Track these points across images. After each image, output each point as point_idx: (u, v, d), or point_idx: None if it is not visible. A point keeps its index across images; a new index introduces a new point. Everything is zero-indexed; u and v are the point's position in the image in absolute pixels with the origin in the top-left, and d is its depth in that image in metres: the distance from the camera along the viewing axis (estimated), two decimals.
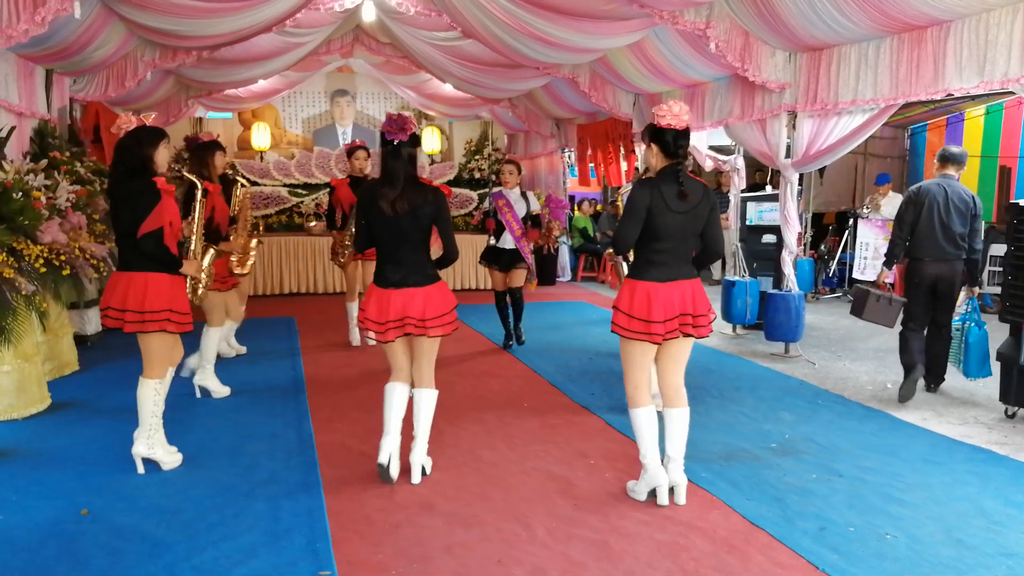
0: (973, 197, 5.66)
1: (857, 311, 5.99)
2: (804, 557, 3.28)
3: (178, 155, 11.89)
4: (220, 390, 5.66)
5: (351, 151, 7.12)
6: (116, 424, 4.87)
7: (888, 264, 5.88)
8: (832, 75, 6.14)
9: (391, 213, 3.85)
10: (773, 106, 6.76)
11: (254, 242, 6.11)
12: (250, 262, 5.98)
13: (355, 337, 7.28)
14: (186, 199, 4.84)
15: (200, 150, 5.75)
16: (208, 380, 5.64)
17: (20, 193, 4.87)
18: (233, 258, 5.80)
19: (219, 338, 5.76)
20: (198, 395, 5.62)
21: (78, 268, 5.13)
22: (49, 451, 4.54)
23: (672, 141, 3.56)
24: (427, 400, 4.07)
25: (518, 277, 7.10)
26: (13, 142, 5.98)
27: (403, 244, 3.91)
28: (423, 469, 4.12)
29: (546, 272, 11.18)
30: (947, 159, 5.73)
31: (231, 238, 5.83)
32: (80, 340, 6.83)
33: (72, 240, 5.25)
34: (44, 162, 5.78)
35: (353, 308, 7.12)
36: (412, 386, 4.13)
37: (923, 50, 5.29)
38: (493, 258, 7.11)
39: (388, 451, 4.00)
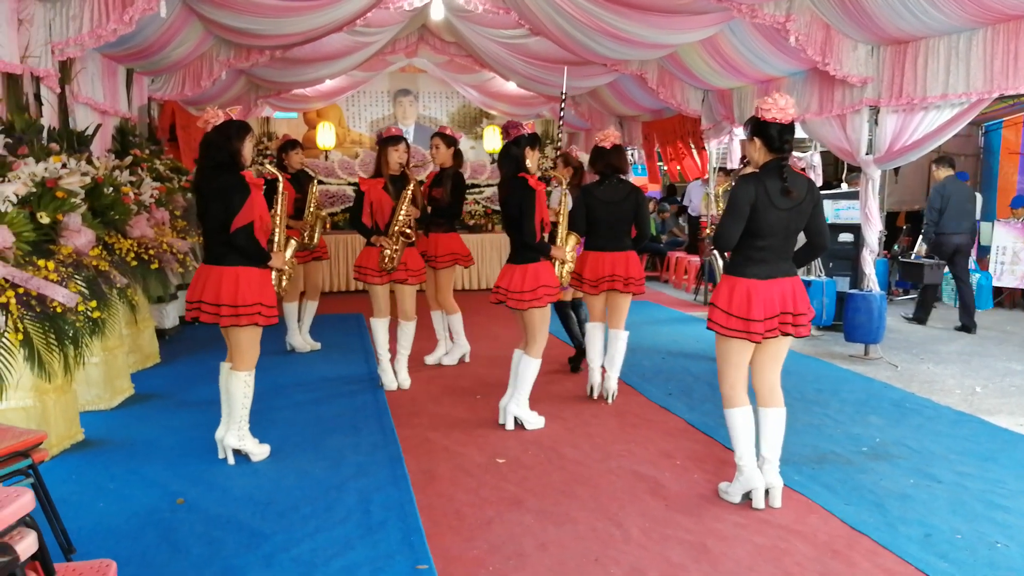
0: (972, 188, 8.87)
1: (918, 278, 8.38)
2: (913, 564, 3.17)
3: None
4: (390, 384, 5.77)
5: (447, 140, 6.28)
6: (201, 415, 4.94)
7: (926, 240, 8.39)
8: (919, 68, 5.94)
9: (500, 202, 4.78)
10: (854, 101, 6.57)
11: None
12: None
13: (432, 357, 6.65)
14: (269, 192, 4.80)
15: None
16: (402, 372, 5.87)
17: (110, 188, 4.97)
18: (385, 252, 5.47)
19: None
20: (405, 386, 5.79)
21: (165, 263, 5.22)
22: (139, 441, 4.63)
23: (777, 135, 3.46)
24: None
25: None
26: (97, 139, 6.13)
27: (509, 229, 4.75)
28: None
29: None
30: (951, 164, 8.41)
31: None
32: (159, 334, 6.96)
33: (158, 235, 5.36)
34: (129, 158, 5.92)
35: (438, 319, 6.57)
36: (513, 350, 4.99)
37: (1021, 41, 5.09)
38: None
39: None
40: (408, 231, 5.45)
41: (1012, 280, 9.57)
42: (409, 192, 5.45)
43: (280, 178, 4.50)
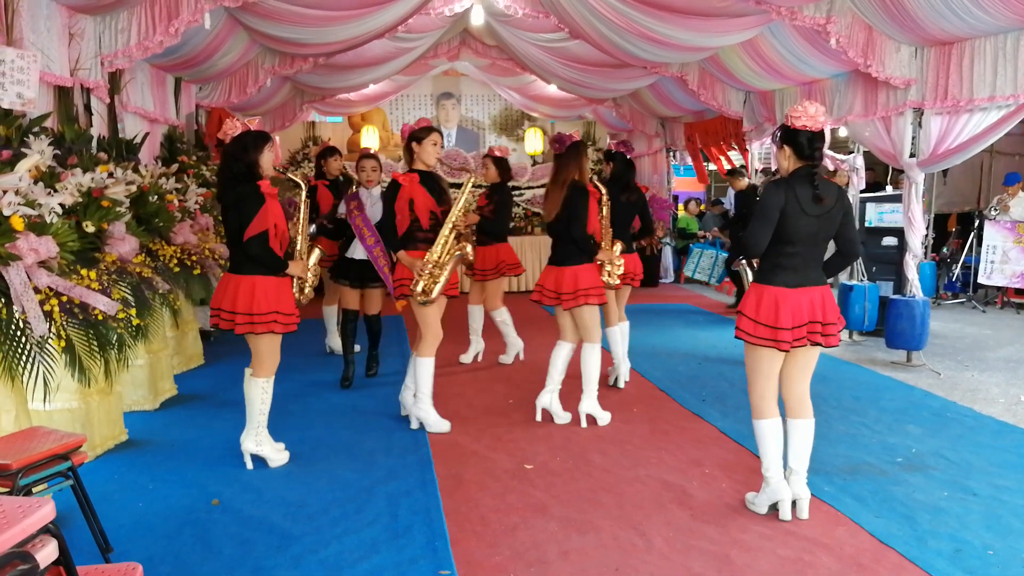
0: None
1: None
2: None
3: (292, 158, 12.36)
4: (562, 415, 5.18)
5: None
6: (241, 417, 4.99)
7: None
8: (965, 70, 5.81)
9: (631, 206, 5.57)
10: (898, 103, 6.46)
11: None
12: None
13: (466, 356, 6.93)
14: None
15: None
16: (591, 406, 5.13)
17: (155, 196, 5.14)
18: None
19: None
20: (564, 421, 5.15)
21: (207, 268, 5.38)
22: (180, 442, 4.78)
23: (807, 143, 3.44)
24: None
25: (373, 300, 6.03)
26: (145, 147, 6.33)
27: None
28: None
29: (648, 274, 10.99)
30: None
31: None
32: (203, 335, 7.16)
33: (201, 241, 5.52)
34: (175, 166, 6.10)
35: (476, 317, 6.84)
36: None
37: None
38: (342, 271, 5.96)
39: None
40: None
41: (1002, 279, 9.34)
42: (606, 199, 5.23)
43: (302, 186, 4.57)
